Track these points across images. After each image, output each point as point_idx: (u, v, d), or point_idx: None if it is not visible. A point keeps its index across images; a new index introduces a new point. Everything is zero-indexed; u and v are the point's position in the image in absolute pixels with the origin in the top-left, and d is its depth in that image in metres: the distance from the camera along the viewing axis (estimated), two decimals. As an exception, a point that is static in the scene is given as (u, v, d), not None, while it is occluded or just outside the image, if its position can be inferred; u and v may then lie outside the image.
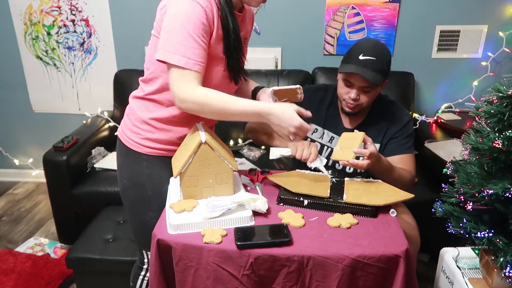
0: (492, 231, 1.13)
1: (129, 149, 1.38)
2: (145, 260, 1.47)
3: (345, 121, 1.61)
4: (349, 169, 1.59)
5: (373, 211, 1.22)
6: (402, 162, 1.51)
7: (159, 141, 1.36)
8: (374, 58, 1.42)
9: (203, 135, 1.18)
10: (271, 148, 1.45)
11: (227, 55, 1.28)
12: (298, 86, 1.41)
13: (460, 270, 1.31)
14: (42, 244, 2.31)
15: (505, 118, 1.05)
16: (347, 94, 1.50)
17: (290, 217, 1.19)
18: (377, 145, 1.58)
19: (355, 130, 1.45)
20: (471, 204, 1.14)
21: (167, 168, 1.34)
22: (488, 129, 1.11)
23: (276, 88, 1.37)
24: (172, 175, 1.30)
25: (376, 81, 1.43)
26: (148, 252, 1.43)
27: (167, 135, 1.35)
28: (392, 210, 1.23)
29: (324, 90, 1.67)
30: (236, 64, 1.31)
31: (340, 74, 1.51)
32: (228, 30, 1.25)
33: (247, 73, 1.45)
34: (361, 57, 1.43)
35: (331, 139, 1.61)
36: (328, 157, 1.61)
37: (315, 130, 1.64)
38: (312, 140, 1.64)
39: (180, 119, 1.35)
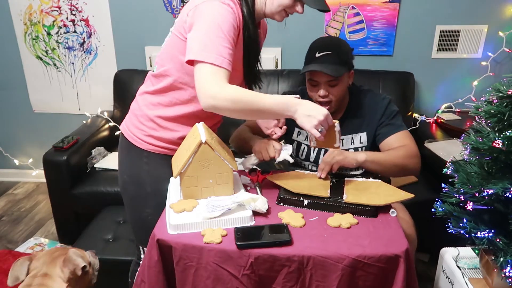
0: (492, 231, 1.13)
1: (131, 145, 1.40)
2: (142, 256, 1.48)
3: None
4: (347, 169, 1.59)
5: (373, 211, 1.22)
6: (398, 141, 1.50)
7: (161, 139, 1.37)
8: (330, 52, 1.45)
9: (203, 135, 1.18)
10: (240, 163, 1.48)
11: (245, 67, 1.32)
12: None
13: (460, 270, 1.31)
14: (42, 244, 2.31)
15: (505, 118, 1.05)
16: (316, 94, 1.51)
17: (290, 217, 1.19)
18: (363, 134, 1.58)
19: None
20: (471, 204, 1.14)
21: (167, 166, 1.34)
22: (488, 129, 1.11)
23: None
24: (172, 174, 1.30)
25: (337, 72, 1.44)
26: (145, 248, 1.44)
27: (170, 134, 1.36)
28: (392, 210, 1.23)
29: (301, 93, 1.66)
30: (252, 76, 1.37)
31: (305, 76, 1.53)
32: (250, 40, 1.28)
33: (262, 82, 1.48)
34: (317, 55, 1.46)
35: None
36: (317, 159, 1.62)
37: (299, 133, 1.65)
38: (299, 143, 1.65)
39: (184, 119, 1.35)
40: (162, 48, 1.37)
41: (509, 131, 1.04)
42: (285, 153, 1.41)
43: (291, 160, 1.41)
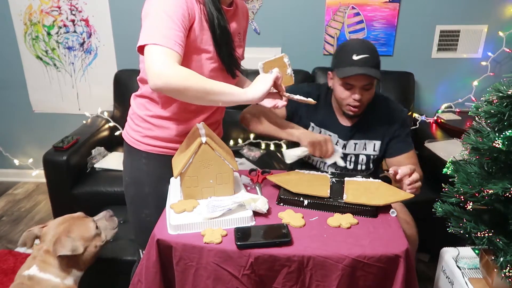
0: (492, 231, 1.13)
1: (131, 148, 1.41)
2: None
3: (342, 120, 1.61)
4: (349, 164, 1.59)
5: (373, 211, 1.22)
6: (408, 159, 1.51)
7: (158, 138, 1.37)
8: (368, 55, 1.43)
9: (203, 136, 1.18)
10: (285, 151, 1.45)
11: (216, 49, 1.28)
12: (283, 54, 1.40)
13: (460, 270, 1.31)
14: (42, 244, 2.31)
15: (505, 118, 1.05)
16: (350, 97, 1.48)
17: (290, 217, 1.19)
18: (378, 142, 1.58)
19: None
20: (471, 204, 1.14)
21: (166, 167, 1.34)
22: (488, 129, 1.11)
23: (264, 61, 1.36)
24: (171, 175, 1.30)
25: (378, 75, 1.44)
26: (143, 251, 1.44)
27: (165, 132, 1.37)
28: (392, 210, 1.23)
29: (317, 89, 1.65)
30: (227, 57, 1.31)
31: (337, 79, 1.49)
32: (214, 24, 1.25)
33: (241, 67, 1.43)
34: (355, 57, 1.42)
35: None
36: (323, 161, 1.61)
37: (312, 126, 1.63)
38: None
39: (177, 116, 1.36)
40: None
41: (509, 131, 1.04)
42: (336, 155, 1.40)
43: (342, 164, 1.38)
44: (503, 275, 1.12)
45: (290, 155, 1.43)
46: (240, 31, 1.41)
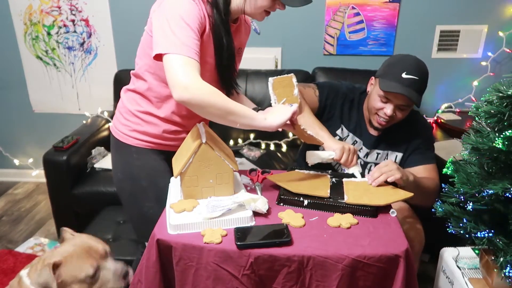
0: (492, 231, 1.13)
1: (119, 143, 1.41)
2: None
3: (369, 128, 1.60)
4: (368, 173, 1.57)
5: (373, 211, 1.22)
6: (426, 171, 1.50)
7: (146, 133, 1.38)
8: (417, 78, 1.40)
9: (203, 135, 1.18)
10: (309, 152, 1.43)
11: (218, 68, 1.30)
12: (292, 74, 1.39)
13: (460, 270, 1.31)
14: (42, 244, 2.31)
15: (505, 118, 1.05)
16: (382, 110, 1.47)
17: (290, 217, 1.19)
18: (399, 154, 1.57)
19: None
20: (471, 204, 1.14)
21: (158, 160, 1.36)
22: (488, 129, 1.11)
23: (274, 78, 1.36)
24: (164, 167, 1.30)
25: (418, 101, 1.41)
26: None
27: (155, 129, 1.38)
28: (392, 210, 1.23)
29: (352, 92, 1.63)
30: (227, 77, 1.34)
31: (378, 89, 1.46)
32: (221, 44, 1.26)
33: (239, 86, 1.45)
34: (404, 75, 1.39)
35: (354, 143, 1.61)
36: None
37: (341, 128, 1.62)
38: (340, 139, 1.62)
39: (167, 117, 1.36)
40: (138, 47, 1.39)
41: (509, 131, 1.04)
42: (357, 167, 1.40)
43: (359, 177, 1.38)
44: (503, 275, 1.12)
45: (314, 157, 1.41)
46: (240, 46, 1.42)
